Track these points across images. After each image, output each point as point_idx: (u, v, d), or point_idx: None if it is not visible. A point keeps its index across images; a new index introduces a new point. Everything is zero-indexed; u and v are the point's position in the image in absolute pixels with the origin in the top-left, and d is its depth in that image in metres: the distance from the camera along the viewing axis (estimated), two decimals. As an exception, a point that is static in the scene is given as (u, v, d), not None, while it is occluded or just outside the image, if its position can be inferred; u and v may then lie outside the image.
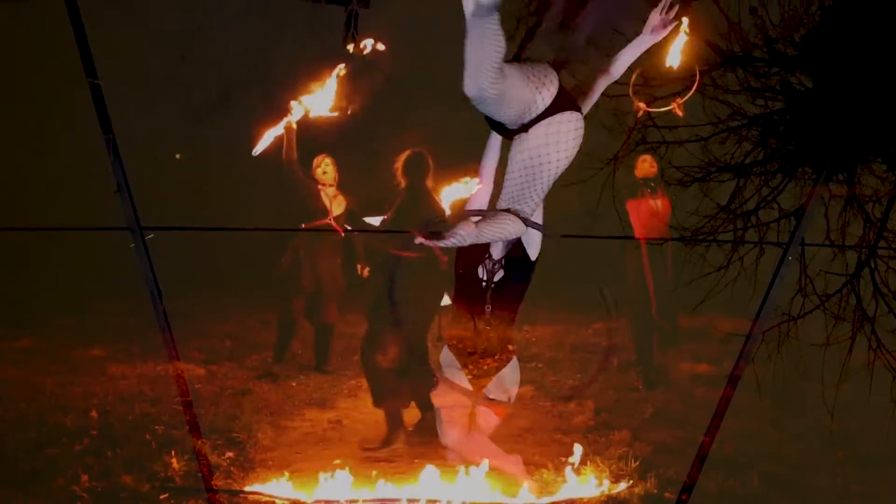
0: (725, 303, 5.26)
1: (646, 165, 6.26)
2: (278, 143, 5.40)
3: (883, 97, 3.95)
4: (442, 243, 2.72)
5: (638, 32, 3.16)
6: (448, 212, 4.49)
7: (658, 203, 6.26)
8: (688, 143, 4.97)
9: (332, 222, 6.17)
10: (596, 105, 3.28)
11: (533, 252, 3.16)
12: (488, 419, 3.42)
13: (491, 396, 3.32)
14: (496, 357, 3.27)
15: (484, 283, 3.19)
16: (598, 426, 5.32)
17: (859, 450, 4.86)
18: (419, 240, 2.71)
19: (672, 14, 3.08)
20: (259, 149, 5.38)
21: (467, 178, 5.46)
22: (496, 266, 3.19)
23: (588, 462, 4.48)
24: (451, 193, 5.11)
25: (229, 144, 6.49)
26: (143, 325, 6.45)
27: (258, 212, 6.85)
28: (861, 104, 4.01)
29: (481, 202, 3.28)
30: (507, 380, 3.34)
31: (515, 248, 3.16)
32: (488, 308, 3.20)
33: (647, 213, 6.24)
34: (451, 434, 3.43)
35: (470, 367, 3.30)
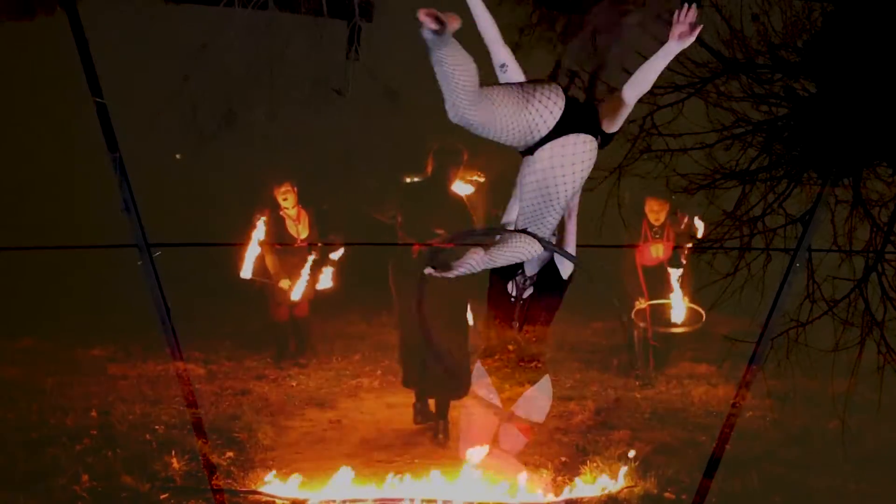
0: (725, 303, 5.27)
1: (653, 213, 6.39)
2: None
3: (887, 101, 3.95)
4: (451, 274, 2.69)
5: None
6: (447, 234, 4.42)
7: (660, 248, 6.42)
8: (692, 151, 4.97)
9: (301, 244, 6.52)
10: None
11: (565, 271, 3.06)
12: (516, 440, 3.39)
13: (519, 413, 3.29)
14: (526, 371, 3.24)
15: (513, 300, 3.09)
16: (598, 426, 5.33)
17: (859, 450, 4.86)
18: (428, 271, 2.69)
19: (695, 16, 2.75)
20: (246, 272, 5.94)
21: (476, 175, 5.48)
22: (527, 282, 3.11)
23: (588, 462, 4.48)
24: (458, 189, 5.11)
25: (233, 161, 6.59)
26: (143, 325, 6.45)
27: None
28: (865, 108, 4.00)
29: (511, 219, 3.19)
30: (538, 398, 3.28)
31: (548, 266, 3.07)
32: (515, 324, 3.13)
33: (650, 255, 6.50)
34: (468, 450, 3.45)
35: (501, 381, 3.27)
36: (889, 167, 4.30)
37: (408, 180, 5.45)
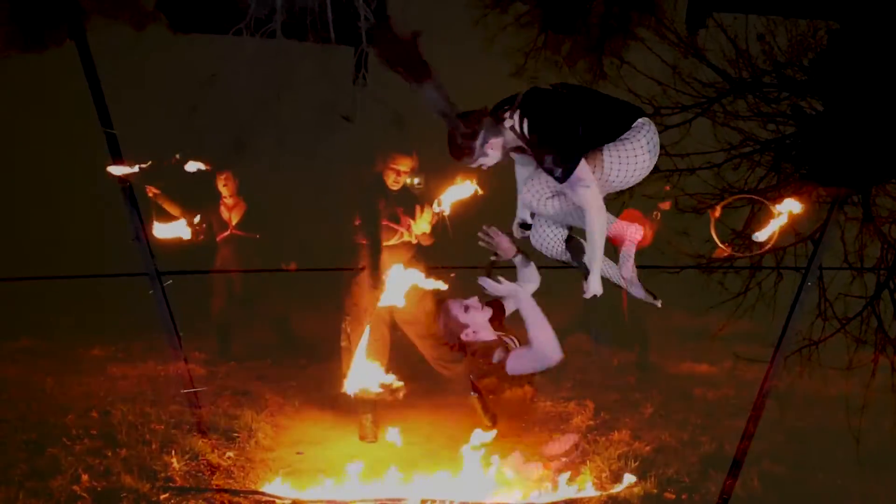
0: (726, 305, 5.27)
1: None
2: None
3: (894, 117, 3.95)
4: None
5: None
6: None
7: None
8: (701, 170, 4.96)
9: (234, 230, 6.75)
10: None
11: None
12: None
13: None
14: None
15: None
16: (598, 426, 5.32)
17: (859, 450, 4.86)
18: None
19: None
20: None
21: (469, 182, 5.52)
22: None
23: (588, 462, 4.48)
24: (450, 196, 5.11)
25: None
26: (143, 325, 6.46)
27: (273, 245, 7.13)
28: (873, 126, 4.00)
29: None
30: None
31: None
32: None
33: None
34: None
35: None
36: (898, 183, 4.30)
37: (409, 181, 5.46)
